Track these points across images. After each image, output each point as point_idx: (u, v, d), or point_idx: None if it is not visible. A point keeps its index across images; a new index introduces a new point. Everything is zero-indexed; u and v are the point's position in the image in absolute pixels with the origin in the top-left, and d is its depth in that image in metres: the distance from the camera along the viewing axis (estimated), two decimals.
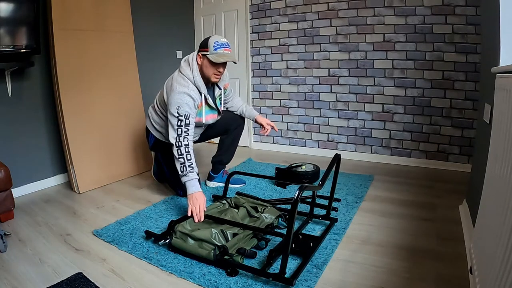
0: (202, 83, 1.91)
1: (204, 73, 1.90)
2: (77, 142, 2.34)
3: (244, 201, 1.82)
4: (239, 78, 3.48)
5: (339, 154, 1.66)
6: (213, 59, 1.81)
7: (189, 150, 1.79)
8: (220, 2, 3.51)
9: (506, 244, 0.74)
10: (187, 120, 1.83)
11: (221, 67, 1.88)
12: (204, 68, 1.89)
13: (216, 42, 1.83)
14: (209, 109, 2.03)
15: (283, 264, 1.24)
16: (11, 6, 1.96)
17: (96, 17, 2.47)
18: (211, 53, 1.82)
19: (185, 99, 1.83)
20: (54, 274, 1.36)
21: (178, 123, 1.82)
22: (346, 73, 2.93)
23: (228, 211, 1.72)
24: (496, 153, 1.02)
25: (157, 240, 1.56)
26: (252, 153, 3.32)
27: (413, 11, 2.56)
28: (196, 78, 1.88)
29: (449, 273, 1.28)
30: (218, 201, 1.87)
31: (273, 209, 1.75)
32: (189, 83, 1.88)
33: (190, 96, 1.85)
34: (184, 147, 1.79)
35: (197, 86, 1.90)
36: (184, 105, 1.83)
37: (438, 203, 1.96)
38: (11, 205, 1.89)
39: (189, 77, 1.88)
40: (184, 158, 1.77)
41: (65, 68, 2.27)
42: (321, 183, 1.47)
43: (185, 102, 1.83)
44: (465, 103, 2.49)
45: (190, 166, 1.76)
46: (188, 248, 1.45)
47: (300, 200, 1.96)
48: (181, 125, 1.82)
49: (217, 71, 1.88)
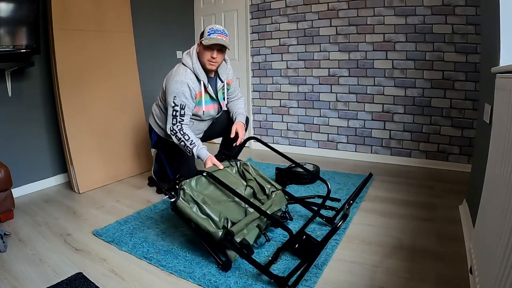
0: (202, 71, 1.92)
1: (201, 60, 1.91)
2: (77, 142, 2.34)
3: (252, 176, 1.72)
4: (239, 78, 3.47)
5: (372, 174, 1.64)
6: (205, 42, 1.83)
7: (184, 131, 1.87)
8: (220, 2, 3.51)
9: (506, 244, 0.74)
10: (182, 111, 1.87)
11: (214, 52, 1.87)
12: (200, 55, 1.91)
13: (211, 29, 1.85)
14: (209, 99, 2.02)
15: (292, 272, 1.22)
16: (11, 6, 1.95)
17: (96, 17, 2.47)
18: (205, 38, 1.84)
19: (181, 88, 1.85)
20: (54, 274, 1.36)
21: (174, 113, 1.86)
22: (346, 73, 2.93)
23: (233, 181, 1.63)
24: (496, 153, 1.02)
25: (159, 191, 1.44)
26: (252, 153, 3.32)
27: (413, 11, 2.56)
28: (195, 65, 1.90)
29: (449, 273, 1.28)
30: (227, 161, 1.80)
31: (281, 194, 1.66)
32: (187, 71, 1.90)
33: (187, 85, 1.86)
34: (179, 131, 1.87)
35: (196, 73, 1.91)
36: (181, 94, 1.85)
37: (438, 203, 1.96)
38: (11, 205, 1.89)
39: (188, 65, 1.91)
40: (183, 141, 1.86)
41: (65, 68, 2.27)
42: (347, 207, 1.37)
43: (181, 92, 1.85)
44: (465, 103, 2.49)
45: (192, 143, 1.85)
46: (194, 217, 1.36)
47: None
48: (176, 115, 1.87)
49: (211, 57, 1.87)
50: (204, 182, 1.55)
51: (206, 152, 1.84)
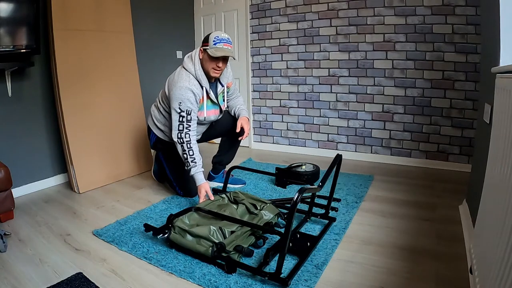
0: (204, 77, 1.92)
1: (204, 67, 1.91)
2: (77, 142, 2.34)
3: (244, 197, 1.81)
4: (239, 78, 3.47)
5: (341, 155, 1.66)
6: (211, 53, 1.82)
7: (191, 146, 1.88)
8: (220, 2, 3.51)
9: (506, 244, 0.74)
10: (188, 116, 1.86)
11: (220, 62, 1.87)
12: (204, 63, 1.90)
13: (217, 37, 1.84)
14: (211, 104, 2.02)
15: (280, 264, 1.24)
16: (11, 6, 1.95)
17: (96, 17, 2.47)
18: (211, 48, 1.83)
19: (186, 94, 1.85)
20: (54, 274, 1.36)
21: (180, 119, 1.86)
22: (346, 73, 2.93)
23: (227, 207, 1.72)
24: (496, 153, 1.02)
25: (155, 233, 1.54)
26: (252, 153, 3.33)
27: (413, 11, 2.56)
28: (197, 71, 1.90)
29: (449, 273, 1.28)
30: (217, 195, 1.87)
31: (272, 206, 1.74)
32: (190, 77, 1.89)
33: (191, 91, 1.86)
34: (186, 143, 1.86)
35: (199, 79, 1.90)
36: (186, 100, 1.85)
37: (438, 203, 1.96)
38: (11, 205, 1.89)
39: (191, 71, 1.90)
40: (187, 155, 1.87)
41: (65, 68, 2.26)
42: (321, 184, 1.47)
43: (186, 98, 1.85)
44: (465, 103, 2.49)
45: (193, 162, 1.88)
46: (186, 244, 1.45)
47: (300, 201, 1.98)
48: (182, 121, 1.86)
49: (216, 66, 1.88)
50: (196, 217, 1.63)
51: (202, 178, 1.90)
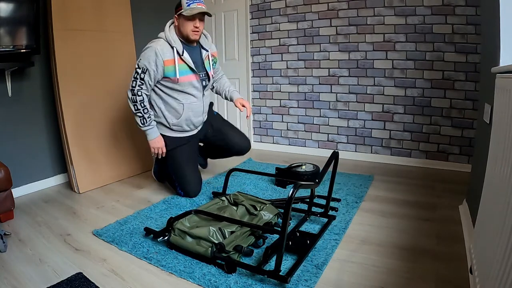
0: (177, 39, 1.95)
1: (183, 32, 1.94)
2: (77, 142, 2.34)
3: (244, 198, 1.82)
4: (239, 78, 3.47)
5: (337, 152, 1.66)
6: (188, 13, 1.86)
7: (144, 104, 1.95)
8: (220, 2, 3.51)
9: (506, 244, 0.74)
10: (142, 74, 1.91)
11: (197, 22, 1.92)
12: (181, 27, 1.93)
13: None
14: (187, 69, 1.98)
15: (278, 261, 1.24)
16: (11, 6, 1.96)
17: (96, 17, 2.47)
18: (185, 10, 1.87)
19: (148, 53, 1.91)
20: (54, 274, 1.36)
21: (135, 75, 1.93)
22: (346, 73, 2.93)
23: (227, 209, 1.73)
24: (496, 153, 1.02)
25: (156, 236, 1.57)
26: (252, 153, 3.32)
27: (413, 11, 2.56)
28: (168, 34, 1.94)
29: (449, 273, 1.28)
30: (217, 198, 1.87)
31: (271, 207, 1.74)
32: (160, 40, 1.95)
33: (154, 51, 1.89)
34: (139, 102, 1.93)
35: (169, 41, 1.94)
36: (145, 59, 1.91)
37: (438, 203, 1.96)
38: (11, 205, 1.89)
39: (161, 36, 1.97)
40: (141, 112, 1.95)
41: (65, 68, 2.26)
42: (317, 181, 1.47)
43: (146, 56, 1.91)
44: (465, 103, 2.49)
45: (149, 118, 1.98)
46: (186, 245, 1.46)
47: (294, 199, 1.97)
48: (136, 78, 1.92)
49: (194, 27, 1.92)
50: (196, 219, 1.63)
51: (156, 131, 2.02)
